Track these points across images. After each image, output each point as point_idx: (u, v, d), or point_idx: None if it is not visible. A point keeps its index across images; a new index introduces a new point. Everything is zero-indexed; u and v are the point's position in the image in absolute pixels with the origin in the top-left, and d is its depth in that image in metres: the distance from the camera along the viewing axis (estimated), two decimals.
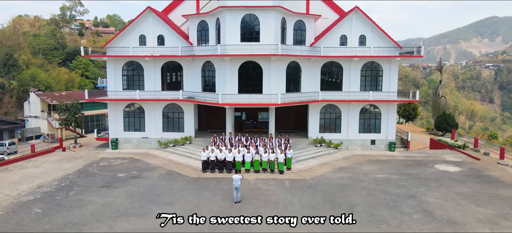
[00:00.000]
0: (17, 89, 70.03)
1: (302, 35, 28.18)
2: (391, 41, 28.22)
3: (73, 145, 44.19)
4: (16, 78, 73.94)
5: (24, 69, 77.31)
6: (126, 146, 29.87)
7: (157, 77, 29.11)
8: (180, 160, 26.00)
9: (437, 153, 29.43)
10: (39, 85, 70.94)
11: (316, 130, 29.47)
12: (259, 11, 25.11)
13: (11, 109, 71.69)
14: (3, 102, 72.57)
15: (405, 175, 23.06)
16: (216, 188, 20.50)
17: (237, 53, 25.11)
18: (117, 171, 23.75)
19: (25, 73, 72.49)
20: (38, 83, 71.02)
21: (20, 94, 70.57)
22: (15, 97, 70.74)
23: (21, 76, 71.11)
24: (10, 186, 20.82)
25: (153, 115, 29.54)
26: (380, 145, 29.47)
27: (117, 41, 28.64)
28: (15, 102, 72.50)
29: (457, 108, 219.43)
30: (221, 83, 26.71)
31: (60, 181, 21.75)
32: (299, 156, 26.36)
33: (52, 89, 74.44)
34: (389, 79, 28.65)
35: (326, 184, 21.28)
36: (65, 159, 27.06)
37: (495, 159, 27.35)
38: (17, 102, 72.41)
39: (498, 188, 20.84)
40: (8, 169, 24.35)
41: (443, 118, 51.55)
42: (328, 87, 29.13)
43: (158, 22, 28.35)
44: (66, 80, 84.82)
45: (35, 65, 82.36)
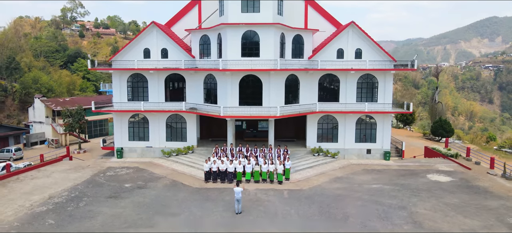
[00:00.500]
0: (20, 92, 70.99)
1: (300, 48, 29.32)
2: (386, 54, 29.36)
3: (77, 150, 45.51)
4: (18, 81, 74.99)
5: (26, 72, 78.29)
6: (131, 155, 31.00)
7: (160, 89, 30.24)
8: (183, 170, 27.13)
9: (430, 162, 30.57)
10: (41, 88, 72.01)
11: (314, 139, 30.61)
12: (259, 27, 26.25)
13: (13, 112, 72.71)
14: (5, 105, 73.56)
15: (398, 186, 24.19)
16: (218, 199, 21.62)
17: (238, 67, 26.25)
18: (124, 181, 24.88)
19: (27, 76, 73.44)
20: (40, 86, 71.96)
21: (22, 97, 71.58)
22: (18, 100, 71.71)
23: (24, 79, 72.11)
24: (22, 197, 21.95)
25: (157, 125, 30.68)
26: (376, 154, 30.60)
27: (123, 54, 29.76)
28: (17, 105, 73.54)
29: (457, 109, 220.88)
30: (222, 95, 27.85)
31: (70, 192, 22.88)
32: (297, 166, 27.49)
33: (54, 91, 75.49)
34: (384, 91, 29.78)
35: (322, 195, 22.41)
36: (72, 168, 28.18)
37: (485, 168, 28.50)
38: (20, 105, 73.45)
39: (486, 199, 21.97)
40: (19, 179, 25.48)
41: (439, 124, 52.89)
42: (326, 98, 30.27)
43: (162, 36, 29.47)
44: (67, 82, 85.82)
45: (37, 68, 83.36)
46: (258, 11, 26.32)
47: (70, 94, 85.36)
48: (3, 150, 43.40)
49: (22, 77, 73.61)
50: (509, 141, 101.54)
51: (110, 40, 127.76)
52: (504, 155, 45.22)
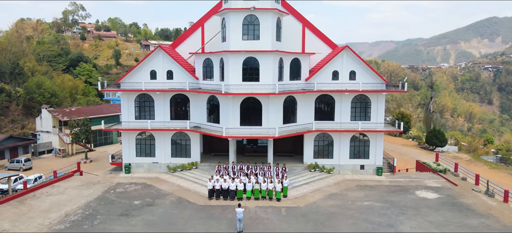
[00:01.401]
0: (24, 97, 72.60)
1: (298, 71, 31.21)
2: (378, 77, 31.22)
3: (84, 160, 47.41)
4: (22, 86, 76.72)
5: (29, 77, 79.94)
6: (138, 170, 32.88)
7: (166, 108, 32.12)
8: (188, 186, 29.00)
9: (419, 177, 32.44)
10: (45, 93, 73.55)
11: (311, 155, 32.48)
12: (259, 54, 28.13)
13: (17, 117, 74.48)
14: (9, 110, 75.29)
15: (387, 203, 26.04)
16: (221, 217, 23.48)
17: (239, 92, 28.13)
18: (133, 198, 26.75)
19: (31, 80, 74.93)
20: (43, 91, 73.40)
21: (26, 102, 73.23)
22: (22, 105, 73.30)
23: (27, 84, 73.66)
24: (41, 215, 23.81)
25: (163, 142, 32.54)
26: (369, 170, 32.47)
27: (131, 76, 31.64)
28: (21, 110, 75.30)
29: (456, 110, 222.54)
30: (224, 115, 29.74)
31: (84, 209, 24.75)
32: (295, 182, 29.36)
33: (57, 96, 77.05)
34: (377, 110, 31.65)
35: (317, 212, 24.26)
36: (84, 184, 30.05)
37: (471, 184, 30.39)
38: (24, 110, 75.19)
39: (468, 216, 23.84)
40: (36, 196, 27.37)
41: (433, 134, 54.86)
42: (322, 117, 32.14)
43: (167, 59, 31.35)
44: (70, 87, 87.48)
45: (40, 73, 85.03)
46: (258, 39, 28.21)
47: (73, 98, 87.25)
48: (13, 161, 45.21)
49: (26, 82, 75.23)
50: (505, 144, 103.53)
51: (111, 43, 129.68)
52: (495, 166, 47.02)
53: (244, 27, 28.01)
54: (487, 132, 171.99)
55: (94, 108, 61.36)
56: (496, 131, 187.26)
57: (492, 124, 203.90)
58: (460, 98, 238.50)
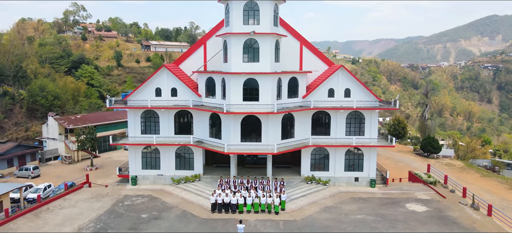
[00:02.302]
0: (27, 100, 74.04)
1: (295, 89, 32.95)
2: (372, 95, 32.94)
3: (90, 167, 49.19)
4: (25, 88, 78.27)
5: (32, 79, 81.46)
6: (144, 182, 34.65)
7: (170, 123, 33.85)
8: (191, 199, 30.77)
9: (411, 189, 34.19)
10: (48, 96, 75.07)
11: (308, 168, 34.25)
12: (259, 76, 29.86)
13: (21, 120, 76.11)
14: (13, 113, 76.90)
15: (379, 216, 27.81)
16: (223, 230, 25.24)
17: (240, 111, 29.87)
18: (140, 212, 28.52)
19: (34, 83, 76.33)
20: (46, 93, 74.84)
21: (30, 105, 74.72)
22: (25, 108, 74.73)
23: (31, 87, 75.06)
24: (56, 229, 25.59)
25: (167, 155, 34.29)
26: (363, 182, 34.25)
27: (137, 94, 33.37)
28: (25, 113, 76.95)
29: (455, 109, 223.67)
30: (226, 132, 31.49)
31: (95, 223, 26.54)
32: (292, 195, 31.13)
33: (60, 99, 78.58)
34: (370, 126, 33.39)
35: (312, 226, 26.05)
36: (94, 197, 31.83)
37: (459, 197, 32.16)
38: (27, 113, 76.79)
39: (452, 230, 25.62)
40: (49, 209, 29.16)
41: (427, 141, 56.67)
42: (318, 132, 33.88)
43: (171, 77, 33.05)
44: (72, 89, 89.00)
45: (42, 75, 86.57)
46: (258, 61, 29.91)
47: (75, 100, 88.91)
48: (22, 169, 46.92)
49: (29, 85, 76.71)
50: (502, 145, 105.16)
51: (112, 43, 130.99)
52: (486, 174, 48.72)
53: (244, 50, 29.72)
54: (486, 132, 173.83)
55: (99, 115, 63.10)
56: (495, 130, 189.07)
57: (491, 123, 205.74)
58: (459, 97, 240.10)
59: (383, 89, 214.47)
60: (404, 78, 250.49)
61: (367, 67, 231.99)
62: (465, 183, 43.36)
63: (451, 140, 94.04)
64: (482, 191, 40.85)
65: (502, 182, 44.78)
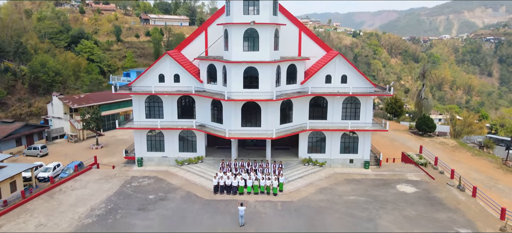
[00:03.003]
0: (29, 76, 74.89)
1: (294, 75, 34.11)
2: (367, 81, 34.14)
3: (95, 146, 51.05)
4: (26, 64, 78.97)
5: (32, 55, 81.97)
6: (149, 163, 36.48)
7: (174, 108, 35.25)
8: (195, 180, 32.68)
9: (402, 170, 36.07)
10: (49, 72, 75.99)
11: (305, 150, 35.97)
12: (259, 65, 30.96)
13: (24, 96, 77.35)
14: (16, 89, 77.99)
15: (370, 197, 29.76)
16: (225, 211, 27.21)
17: (240, 98, 31.21)
18: (147, 193, 30.46)
19: (35, 59, 76.87)
20: (47, 69, 75.63)
21: (32, 81, 75.61)
22: (27, 84, 75.65)
23: (32, 63, 75.73)
24: (70, 209, 27.57)
25: (171, 138, 35.93)
26: (357, 163, 36.08)
27: (141, 80, 34.56)
28: (27, 89, 78.04)
29: (455, 83, 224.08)
30: (227, 117, 32.96)
31: (106, 203, 28.51)
32: (290, 176, 33.02)
33: (61, 75, 79.52)
34: (365, 111, 34.81)
35: (308, 207, 28.01)
36: (103, 178, 33.73)
37: (447, 178, 34.08)
38: (30, 89, 77.85)
39: (438, 211, 27.62)
40: (62, 190, 31.10)
41: (423, 120, 58.27)
42: (315, 116, 35.34)
43: (174, 64, 34.13)
44: (73, 65, 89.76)
45: (42, 50, 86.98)
46: (258, 50, 30.89)
47: (76, 76, 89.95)
48: (30, 148, 48.75)
49: (30, 62, 77.32)
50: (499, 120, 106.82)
51: (110, 17, 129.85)
52: (478, 153, 50.61)
53: (245, 40, 30.66)
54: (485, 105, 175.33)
55: (102, 94, 64.29)
56: (493, 104, 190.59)
57: (490, 97, 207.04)
58: (460, 70, 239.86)
59: (384, 62, 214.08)
60: (405, 52, 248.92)
61: (368, 40, 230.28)
62: (456, 162, 45.39)
63: (449, 114, 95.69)
64: (471, 170, 42.90)
65: (491, 161, 46.75)
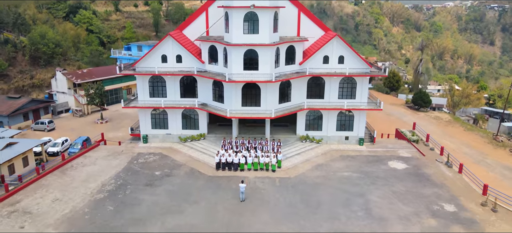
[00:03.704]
0: (29, 48, 75.35)
1: (293, 56, 35.15)
2: (364, 62, 35.22)
3: (100, 120, 52.79)
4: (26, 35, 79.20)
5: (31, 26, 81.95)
6: (154, 140, 38.26)
7: (176, 87, 36.55)
8: (198, 157, 34.56)
9: (395, 146, 37.89)
10: (49, 43, 76.39)
11: (303, 128, 37.65)
12: (258, 48, 31.94)
13: (25, 67, 78.15)
14: (17, 60, 78.68)
15: (363, 174, 31.72)
16: (227, 187, 29.22)
17: (240, 79, 32.47)
18: (154, 169, 32.41)
19: (34, 31, 77.03)
20: (47, 41, 75.96)
21: (32, 53, 76.08)
22: (28, 56, 76.21)
23: (31, 35, 76.01)
24: (82, 185, 29.58)
25: (175, 116, 37.49)
26: (352, 140, 37.85)
27: (144, 61, 35.64)
28: (28, 60, 78.72)
29: (456, 52, 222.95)
30: (228, 97, 34.36)
31: (115, 179, 30.52)
32: (288, 153, 34.88)
33: (61, 46, 79.88)
34: (361, 91, 36.14)
35: (304, 183, 30.00)
36: (111, 154, 35.61)
37: (437, 155, 35.94)
38: (30, 60, 78.50)
39: (425, 186, 29.63)
40: (73, 167, 33.05)
41: (419, 95, 59.72)
42: (313, 95, 36.70)
43: (176, 45, 35.07)
44: (72, 36, 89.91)
45: (41, 21, 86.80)
46: (258, 33, 31.78)
47: (76, 47, 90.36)
48: (38, 122, 50.39)
49: (30, 33, 77.46)
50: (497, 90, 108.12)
51: None
52: (470, 128, 52.39)
53: (245, 23, 31.48)
54: (485, 74, 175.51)
55: (104, 69, 65.20)
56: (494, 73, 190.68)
57: (491, 66, 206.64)
58: (462, 39, 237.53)
59: (385, 31, 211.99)
60: (407, 20, 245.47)
61: (370, 8, 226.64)
62: (449, 137, 47.32)
63: (447, 85, 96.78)
64: (463, 145, 44.87)
65: (482, 136, 48.63)
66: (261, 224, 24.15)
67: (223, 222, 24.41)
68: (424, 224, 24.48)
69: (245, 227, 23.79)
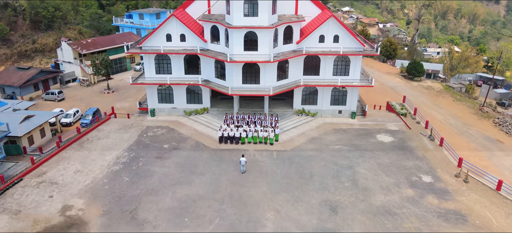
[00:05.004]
0: (29, 12, 76.03)
1: (290, 35, 37.09)
2: (357, 41, 37.21)
3: (107, 90, 55.39)
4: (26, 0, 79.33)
5: None
6: (160, 113, 41.14)
7: (181, 65, 38.83)
8: (202, 130, 37.60)
9: (384, 120, 40.80)
10: (49, 7, 77.06)
11: (299, 102, 40.40)
12: (258, 30, 33.89)
13: (26, 32, 79.37)
14: (17, 25, 79.68)
15: (352, 147, 34.88)
16: (229, 160, 32.48)
17: (241, 60, 34.70)
18: (162, 142, 35.56)
19: None
20: (47, 4, 76.42)
21: (32, 17, 76.89)
22: (28, 20, 77.04)
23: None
24: (99, 157, 32.86)
25: (179, 92, 40.08)
26: (345, 114, 40.73)
27: (150, 40, 37.61)
28: (29, 25, 79.71)
29: (460, 11, 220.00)
30: (229, 75, 36.77)
31: (128, 152, 33.75)
32: (285, 126, 37.88)
33: (61, 10, 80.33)
34: (355, 68, 38.44)
35: (299, 156, 33.23)
36: (122, 128, 38.62)
37: (422, 128, 38.94)
38: (31, 25, 79.46)
39: (407, 159, 32.90)
40: (89, 140, 36.19)
41: (413, 65, 61.77)
42: (309, 72, 39.05)
43: (180, 24, 36.88)
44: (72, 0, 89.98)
45: None
46: (257, 16, 33.56)
47: (76, 11, 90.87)
48: (48, 93, 52.96)
49: None
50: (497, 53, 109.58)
51: None
52: (459, 98, 54.95)
53: (245, 7, 33.18)
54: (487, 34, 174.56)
55: (108, 38, 66.69)
56: (496, 33, 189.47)
57: (494, 26, 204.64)
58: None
59: None
60: None
61: None
62: (438, 107, 50.13)
63: (447, 48, 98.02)
64: (450, 115, 47.78)
65: (469, 107, 51.41)
66: (260, 194, 27.60)
67: (226, 192, 27.86)
68: (402, 193, 27.94)
69: (246, 197, 27.28)
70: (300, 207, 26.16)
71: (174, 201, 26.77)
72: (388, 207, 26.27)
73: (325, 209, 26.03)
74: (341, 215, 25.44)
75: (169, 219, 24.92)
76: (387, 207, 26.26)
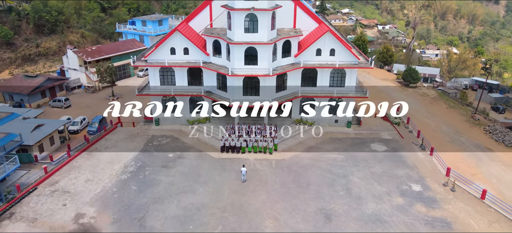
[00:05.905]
0: (33, 16, 77.83)
1: (289, 48, 38.96)
2: (353, 55, 39.08)
3: (111, 97, 57.22)
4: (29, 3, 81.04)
5: None
6: (165, 122, 43.04)
7: (184, 76, 40.70)
8: (205, 139, 39.50)
9: (379, 129, 42.68)
10: (52, 11, 78.80)
11: (297, 112, 42.30)
12: (258, 46, 35.75)
13: (30, 36, 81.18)
14: (21, 29, 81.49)
15: (348, 156, 36.77)
16: (230, 169, 34.38)
17: (241, 74, 36.57)
18: (167, 151, 37.44)
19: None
20: (50, 9, 78.24)
21: (36, 21, 78.63)
22: (32, 24, 78.82)
23: (34, 3, 78.06)
24: (108, 166, 34.77)
25: (183, 101, 41.99)
26: (341, 123, 42.63)
27: (155, 53, 39.45)
28: (33, 29, 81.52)
29: (459, 11, 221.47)
30: (230, 88, 38.63)
31: (135, 161, 35.64)
32: (283, 135, 39.76)
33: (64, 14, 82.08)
34: (350, 80, 40.34)
35: (297, 164, 35.12)
36: (128, 137, 40.52)
37: (414, 137, 40.82)
38: (35, 29, 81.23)
39: (398, 167, 34.80)
40: (97, 149, 38.09)
41: (408, 72, 63.62)
42: (306, 83, 40.94)
43: (183, 38, 38.75)
44: (74, 2, 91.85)
45: None
46: (257, 32, 35.43)
47: (78, 14, 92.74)
48: (55, 100, 54.80)
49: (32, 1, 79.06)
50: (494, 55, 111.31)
51: None
52: (453, 105, 56.75)
53: (245, 23, 35.05)
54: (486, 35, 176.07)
55: (112, 46, 68.53)
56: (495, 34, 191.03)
57: (493, 27, 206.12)
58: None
59: None
60: None
61: None
62: (431, 115, 51.90)
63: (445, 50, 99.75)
64: (443, 123, 49.59)
65: (462, 114, 53.21)
66: (260, 203, 29.52)
67: (228, 201, 29.77)
68: (393, 202, 29.84)
69: (246, 205, 29.19)
70: (297, 215, 28.07)
71: (179, 209, 28.67)
72: (379, 215, 28.17)
73: (320, 217, 27.94)
74: (335, 223, 27.35)
75: (175, 226, 26.83)
76: (378, 215, 28.17)
